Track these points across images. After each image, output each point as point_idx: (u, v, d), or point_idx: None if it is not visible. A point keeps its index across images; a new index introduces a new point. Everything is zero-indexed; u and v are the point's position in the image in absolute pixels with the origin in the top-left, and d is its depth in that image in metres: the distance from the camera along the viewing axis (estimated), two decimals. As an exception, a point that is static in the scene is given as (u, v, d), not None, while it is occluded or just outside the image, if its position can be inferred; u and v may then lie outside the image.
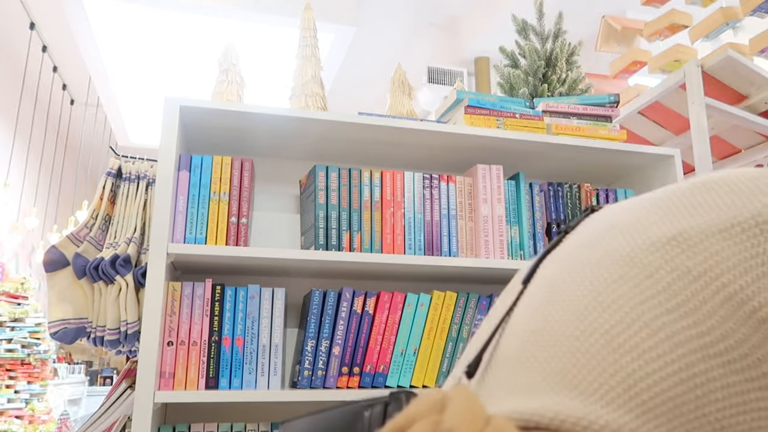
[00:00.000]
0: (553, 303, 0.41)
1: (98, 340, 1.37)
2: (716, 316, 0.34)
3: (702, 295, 0.35)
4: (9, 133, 5.18)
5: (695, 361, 0.33)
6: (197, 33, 4.47)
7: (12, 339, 3.99)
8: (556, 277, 0.43)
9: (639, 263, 0.38)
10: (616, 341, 0.35)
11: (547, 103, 1.69)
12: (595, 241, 0.43)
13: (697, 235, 0.37)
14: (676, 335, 0.34)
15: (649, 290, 0.36)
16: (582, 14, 3.76)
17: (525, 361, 0.39)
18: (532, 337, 0.40)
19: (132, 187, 1.46)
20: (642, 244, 0.39)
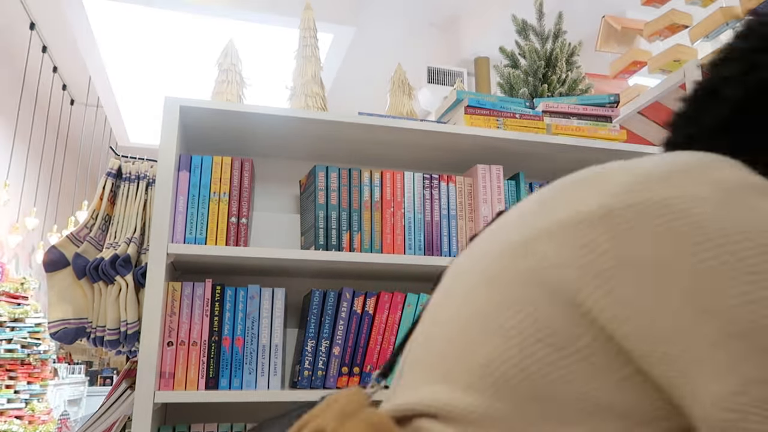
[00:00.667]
0: (435, 311, 0.52)
1: (98, 341, 1.37)
2: (541, 308, 0.43)
3: (530, 292, 0.43)
4: (9, 133, 5.18)
5: (525, 346, 0.42)
6: (197, 33, 4.48)
7: (12, 339, 3.99)
8: (444, 284, 0.54)
9: (491, 272, 0.47)
10: (469, 341, 0.45)
11: (547, 104, 1.69)
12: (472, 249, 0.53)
13: (533, 240, 0.45)
14: (511, 329, 0.43)
15: (495, 294, 0.46)
16: (582, 14, 3.76)
17: (418, 360, 0.51)
18: (423, 341, 0.51)
19: (132, 187, 1.46)
20: (495, 251, 0.49)
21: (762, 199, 0.40)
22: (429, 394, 0.47)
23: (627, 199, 0.42)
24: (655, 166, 0.44)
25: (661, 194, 0.41)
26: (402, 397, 0.49)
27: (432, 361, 0.49)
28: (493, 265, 0.48)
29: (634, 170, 0.44)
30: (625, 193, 0.42)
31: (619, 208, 0.42)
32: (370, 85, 5.38)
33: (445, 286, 0.53)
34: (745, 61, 0.52)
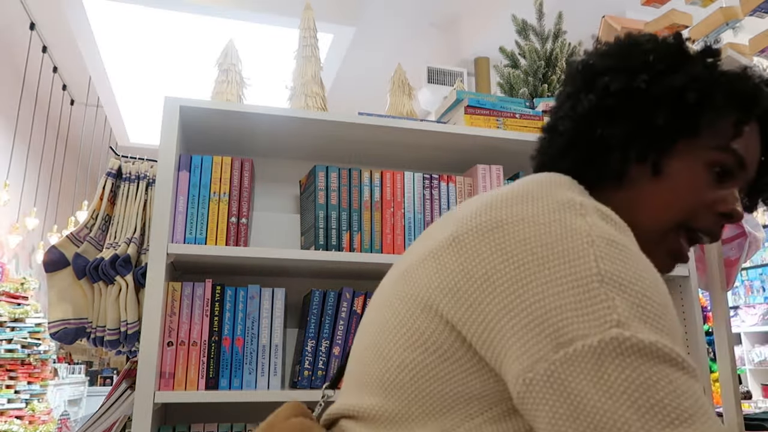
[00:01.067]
0: (361, 327, 0.65)
1: (98, 341, 1.37)
2: (418, 321, 0.54)
3: (411, 309, 0.55)
4: (9, 133, 5.18)
5: (408, 354, 0.54)
6: (197, 33, 4.47)
7: (12, 339, 3.99)
8: (369, 304, 0.68)
9: (388, 295, 0.60)
10: (375, 353, 0.57)
11: (547, 103, 1.69)
12: (389, 273, 0.67)
13: (413, 267, 0.58)
14: (398, 340, 0.55)
15: (389, 313, 0.58)
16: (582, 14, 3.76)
17: (348, 370, 0.64)
18: (353, 353, 0.64)
19: (132, 187, 1.46)
20: (391, 280, 0.62)
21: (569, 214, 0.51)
22: (349, 398, 0.59)
23: (472, 224, 0.53)
24: (503, 191, 0.56)
25: (496, 216, 0.53)
26: (336, 403, 0.62)
27: (354, 371, 0.61)
28: (389, 289, 0.60)
29: (487, 197, 0.56)
30: (472, 218, 0.54)
31: (464, 233, 0.53)
32: (370, 85, 5.38)
33: (368, 308, 0.66)
34: (570, 101, 0.67)
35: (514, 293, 0.48)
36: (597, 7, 3.76)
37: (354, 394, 0.59)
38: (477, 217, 0.53)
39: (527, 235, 0.50)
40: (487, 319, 0.50)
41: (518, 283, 0.49)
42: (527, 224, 0.51)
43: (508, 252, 0.50)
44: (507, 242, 0.51)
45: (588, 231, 0.50)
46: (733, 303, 5.01)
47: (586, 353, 0.44)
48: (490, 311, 0.49)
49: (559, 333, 0.46)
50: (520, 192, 0.54)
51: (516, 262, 0.49)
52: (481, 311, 0.50)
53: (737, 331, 4.85)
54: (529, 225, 0.51)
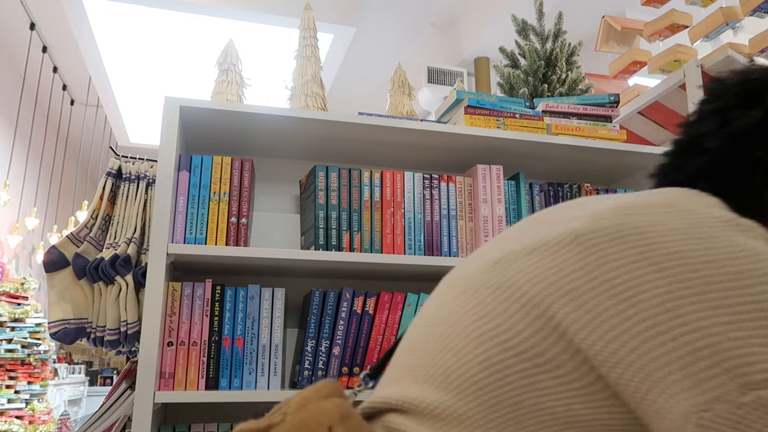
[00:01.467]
0: (421, 315, 0.57)
1: (98, 341, 1.37)
2: (513, 319, 0.47)
3: (506, 304, 0.48)
4: (9, 133, 5.18)
5: (495, 353, 0.46)
6: (197, 33, 4.47)
7: (12, 339, 3.99)
8: (435, 292, 0.60)
9: (472, 282, 0.52)
10: (443, 344, 0.50)
11: (547, 103, 1.69)
12: (464, 261, 0.59)
13: (513, 257, 0.50)
14: (482, 336, 0.48)
15: (471, 303, 0.51)
16: (582, 14, 3.76)
17: (398, 360, 0.56)
18: (407, 341, 0.56)
19: (132, 187, 1.46)
20: (479, 266, 0.54)
21: (731, 231, 0.45)
22: (401, 390, 0.52)
23: (601, 225, 0.47)
24: (629, 198, 0.50)
25: (634, 222, 0.46)
26: (377, 394, 0.55)
27: (409, 361, 0.54)
28: (476, 276, 0.53)
29: (607, 201, 0.50)
30: (601, 219, 0.48)
31: (591, 232, 0.47)
32: (370, 85, 5.38)
33: (435, 293, 0.59)
34: (719, 117, 0.59)
35: (671, 312, 0.41)
36: (597, 7, 3.76)
37: (407, 385, 0.51)
38: (608, 219, 0.47)
39: (680, 248, 0.44)
40: (624, 337, 0.42)
41: (677, 301, 0.42)
42: (679, 236, 0.44)
43: (657, 264, 0.43)
44: (653, 253, 0.44)
45: (760, 251, 0.43)
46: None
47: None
48: (630, 328, 0.42)
49: (745, 371, 0.39)
50: (662, 201, 0.48)
51: (670, 277, 0.43)
52: (614, 325, 0.43)
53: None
54: (683, 238, 0.44)
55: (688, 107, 1.82)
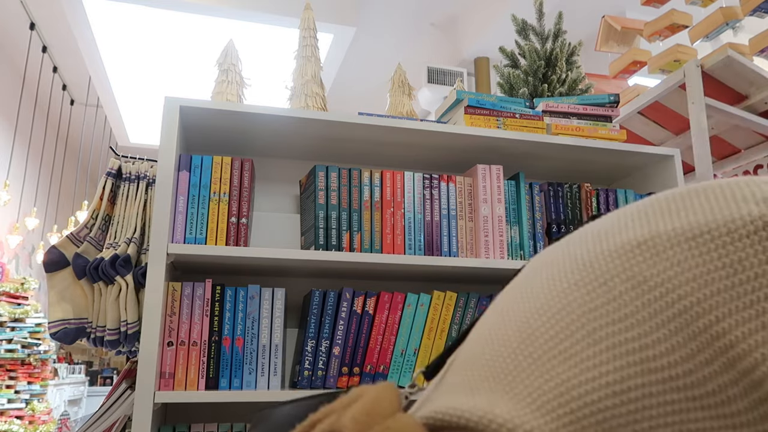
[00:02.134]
0: (512, 304, 0.40)
1: (98, 341, 1.37)
2: (664, 330, 0.32)
3: (653, 307, 0.33)
4: (9, 133, 5.18)
5: (633, 374, 0.32)
6: (197, 33, 4.47)
7: (12, 339, 3.99)
8: (524, 278, 0.42)
9: (597, 269, 0.36)
10: (557, 348, 0.35)
11: (547, 103, 1.69)
12: (568, 244, 0.41)
13: (665, 242, 0.35)
14: (618, 347, 0.33)
15: (600, 298, 0.35)
16: (582, 14, 3.76)
17: (475, 359, 0.39)
18: (487, 337, 0.40)
19: (132, 187, 1.46)
20: (605, 249, 0.37)
21: None
22: (480, 404, 0.36)
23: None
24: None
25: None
26: (441, 402, 0.38)
27: (491, 366, 0.38)
28: (601, 263, 0.37)
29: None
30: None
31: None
32: (370, 85, 5.38)
33: (523, 277, 0.43)
34: None
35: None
36: (597, 7, 3.76)
37: (486, 397, 0.36)
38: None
39: None
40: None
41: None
42: None
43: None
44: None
45: None
46: (733, 303, 5.00)
47: None
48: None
49: None
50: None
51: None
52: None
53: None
54: None
55: (688, 107, 1.82)
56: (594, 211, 1.64)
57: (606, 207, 1.65)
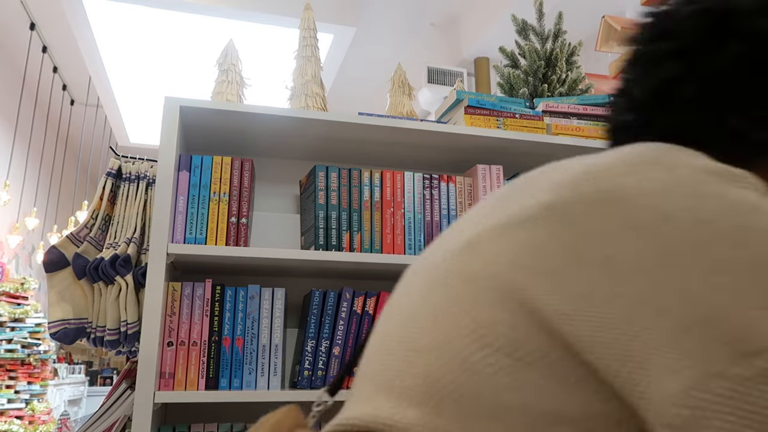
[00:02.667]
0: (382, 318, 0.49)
1: (98, 341, 1.37)
2: (490, 311, 0.40)
3: (482, 294, 0.41)
4: (9, 133, 5.18)
5: (469, 353, 0.39)
6: (197, 33, 4.47)
7: (12, 339, 3.99)
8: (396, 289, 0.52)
9: (442, 270, 0.44)
10: (412, 346, 0.42)
11: (547, 104, 1.69)
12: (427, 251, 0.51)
13: (486, 238, 0.43)
14: (454, 336, 0.40)
15: (442, 296, 0.43)
16: (582, 14, 3.76)
17: (364, 372, 0.47)
18: (370, 350, 0.48)
19: (132, 187, 1.46)
20: (449, 250, 0.46)
21: (724, 185, 0.38)
22: (371, 408, 0.43)
23: (577, 192, 0.40)
24: (609, 157, 0.42)
25: (614, 183, 0.39)
26: (346, 412, 0.45)
27: (376, 373, 0.45)
28: (439, 268, 0.45)
29: (585, 162, 0.42)
30: (575, 186, 0.40)
31: (566, 203, 0.40)
32: (370, 85, 5.38)
33: (396, 290, 0.51)
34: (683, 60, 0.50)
35: (661, 283, 0.35)
36: (597, 7, 3.76)
37: (379, 401, 0.43)
38: (583, 185, 0.40)
39: (670, 209, 0.37)
40: (610, 316, 0.36)
41: (668, 270, 0.35)
42: (667, 196, 0.38)
43: (645, 230, 0.37)
44: (641, 218, 0.37)
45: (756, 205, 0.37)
46: (733, 303, 5.00)
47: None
48: (617, 305, 0.36)
49: (743, 340, 0.33)
50: (640, 158, 0.41)
51: (660, 243, 0.36)
52: (600, 304, 0.36)
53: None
54: (671, 197, 0.38)
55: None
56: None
57: (606, 207, 1.65)
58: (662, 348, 0.34)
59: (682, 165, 0.40)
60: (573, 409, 0.37)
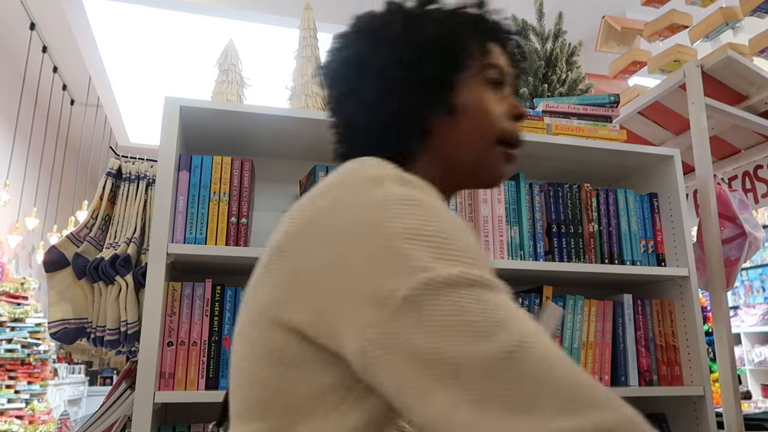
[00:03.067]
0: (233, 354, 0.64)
1: (98, 341, 1.37)
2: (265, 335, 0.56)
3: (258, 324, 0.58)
4: (9, 133, 5.18)
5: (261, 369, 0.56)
6: (197, 33, 4.48)
7: (12, 339, 3.99)
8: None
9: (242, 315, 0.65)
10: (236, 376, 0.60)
11: (547, 103, 1.69)
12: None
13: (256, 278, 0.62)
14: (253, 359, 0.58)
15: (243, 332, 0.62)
16: (582, 14, 3.76)
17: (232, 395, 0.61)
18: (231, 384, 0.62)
19: (132, 187, 1.46)
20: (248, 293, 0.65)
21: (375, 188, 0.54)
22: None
23: (289, 229, 0.56)
24: (326, 178, 0.59)
25: (313, 208, 0.55)
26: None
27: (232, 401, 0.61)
28: (244, 309, 0.63)
29: (299, 202, 0.59)
30: (289, 224, 0.57)
31: (284, 239, 0.56)
32: (370, 85, 5.37)
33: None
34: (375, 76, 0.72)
35: (334, 276, 0.51)
36: (597, 7, 3.76)
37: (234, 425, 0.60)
38: (297, 217, 0.57)
39: (336, 221, 0.53)
40: (318, 310, 0.52)
41: (335, 266, 0.51)
42: (334, 212, 0.54)
43: (323, 242, 0.53)
44: (322, 234, 0.53)
45: (383, 199, 0.54)
46: (733, 303, 5.01)
47: (403, 304, 0.48)
48: (319, 301, 0.52)
49: (376, 296, 0.48)
50: (336, 177, 0.58)
51: (330, 248, 0.52)
52: (313, 305, 0.52)
53: (737, 331, 4.85)
54: (337, 211, 0.54)
55: (688, 107, 1.83)
56: (594, 211, 1.64)
57: (606, 207, 1.65)
58: (342, 320, 0.50)
59: (355, 179, 0.56)
60: (329, 381, 0.53)
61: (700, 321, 1.61)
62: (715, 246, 1.69)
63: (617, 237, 1.64)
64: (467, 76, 0.72)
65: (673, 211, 1.70)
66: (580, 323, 1.54)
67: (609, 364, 1.55)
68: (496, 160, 0.77)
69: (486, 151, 0.75)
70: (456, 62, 0.71)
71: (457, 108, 0.71)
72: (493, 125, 0.74)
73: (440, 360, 0.45)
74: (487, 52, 0.74)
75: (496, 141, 0.75)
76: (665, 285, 1.71)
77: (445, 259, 0.49)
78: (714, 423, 1.53)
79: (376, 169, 0.57)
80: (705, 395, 1.55)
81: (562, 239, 1.59)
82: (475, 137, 0.73)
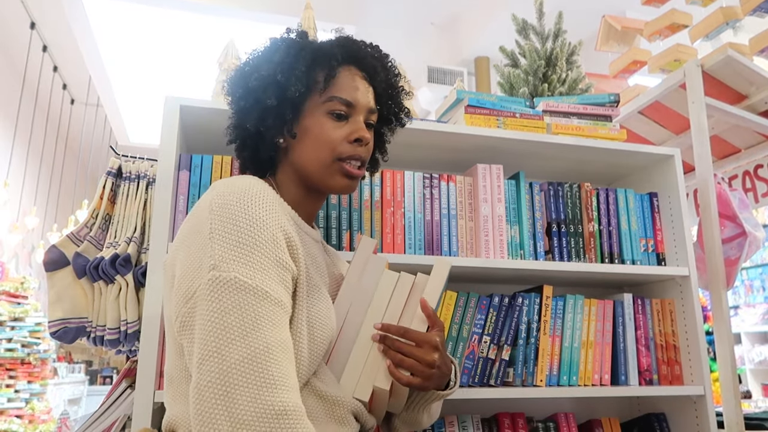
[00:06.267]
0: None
1: (98, 340, 1.37)
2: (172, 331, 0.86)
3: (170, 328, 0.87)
4: (9, 133, 5.18)
5: (173, 360, 0.88)
6: (197, 33, 4.48)
7: (12, 338, 3.99)
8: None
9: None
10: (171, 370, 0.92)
11: (547, 103, 1.68)
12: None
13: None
14: (172, 352, 0.89)
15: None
16: (582, 14, 3.76)
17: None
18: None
19: (132, 186, 1.46)
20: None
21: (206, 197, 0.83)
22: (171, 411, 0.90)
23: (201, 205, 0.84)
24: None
25: (204, 198, 0.84)
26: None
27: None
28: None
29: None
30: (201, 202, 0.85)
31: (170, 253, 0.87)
32: (370, 85, 5.36)
33: None
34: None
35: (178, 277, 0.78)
36: (597, 7, 3.76)
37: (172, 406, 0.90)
38: (201, 202, 0.84)
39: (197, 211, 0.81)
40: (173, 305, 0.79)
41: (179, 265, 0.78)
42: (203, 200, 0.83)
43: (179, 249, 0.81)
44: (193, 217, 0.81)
45: (209, 203, 0.78)
46: (733, 303, 5.01)
47: (199, 296, 0.71)
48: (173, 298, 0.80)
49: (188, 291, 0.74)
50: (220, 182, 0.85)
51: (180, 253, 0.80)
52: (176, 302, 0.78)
53: (737, 330, 4.85)
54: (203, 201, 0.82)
55: (688, 107, 1.82)
56: (594, 210, 1.65)
57: (606, 206, 1.65)
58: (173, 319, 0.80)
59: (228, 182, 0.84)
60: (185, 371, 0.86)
61: (701, 320, 1.61)
62: (715, 245, 1.69)
63: (617, 236, 1.64)
64: (313, 104, 0.92)
65: (673, 210, 1.70)
66: (580, 323, 1.54)
67: (609, 363, 1.55)
68: (333, 173, 0.93)
69: (325, 167, 0.93)
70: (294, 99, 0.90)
71: (300, 132, 0.92)
72: (331, 148, 0.92)
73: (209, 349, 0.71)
74: (332, 85, 0.92)
75: (333, 159, 0.92)
76: (665, 284, 1.71)
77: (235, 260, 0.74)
78: (714, 422, 1.54)
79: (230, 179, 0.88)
80: (705, 395, 1.55)
81: (562, 239, 1.59)
82: (315, 156, 0.92)
